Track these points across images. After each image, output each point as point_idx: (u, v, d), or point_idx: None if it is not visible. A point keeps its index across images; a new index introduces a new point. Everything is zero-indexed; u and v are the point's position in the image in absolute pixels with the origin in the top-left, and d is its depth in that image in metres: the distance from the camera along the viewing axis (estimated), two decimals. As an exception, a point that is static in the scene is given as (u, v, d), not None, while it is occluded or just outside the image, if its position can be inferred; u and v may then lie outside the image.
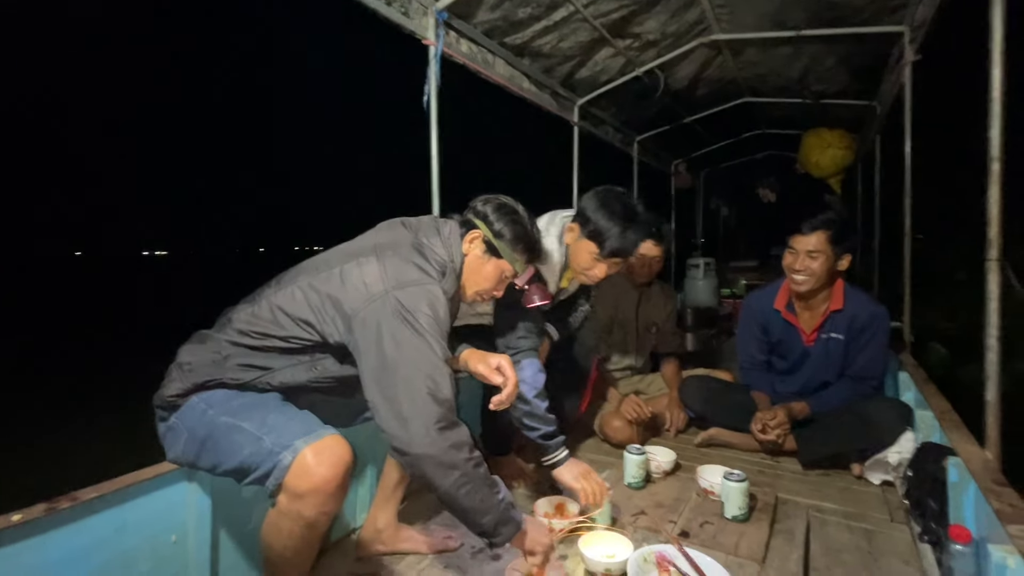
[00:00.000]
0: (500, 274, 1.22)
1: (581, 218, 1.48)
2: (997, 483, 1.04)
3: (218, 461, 0.99)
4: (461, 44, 2.06)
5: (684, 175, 5.58)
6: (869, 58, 2.73)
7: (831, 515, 1.54)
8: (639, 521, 1.48)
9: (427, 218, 1.24)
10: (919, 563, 1.27)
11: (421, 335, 1.00)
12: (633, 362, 2.33)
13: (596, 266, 1.48)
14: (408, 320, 1.00)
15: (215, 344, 1.07)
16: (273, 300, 1.07)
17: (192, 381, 1.03)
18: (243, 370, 1.06)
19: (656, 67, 2.78)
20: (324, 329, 1.06)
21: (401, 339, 0.99)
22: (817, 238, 1.84)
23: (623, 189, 1.52)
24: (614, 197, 1.48)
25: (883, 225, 3.83)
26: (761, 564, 1.26)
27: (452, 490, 0.97)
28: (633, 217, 1.45)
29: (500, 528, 1.04)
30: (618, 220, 1.43)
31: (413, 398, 0.96)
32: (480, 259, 1.20)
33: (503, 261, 1.21)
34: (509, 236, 1.20)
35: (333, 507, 0.96)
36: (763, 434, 1.87)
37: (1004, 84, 1.10)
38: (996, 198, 1.12)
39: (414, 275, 1.06)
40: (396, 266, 1.07)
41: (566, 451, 1.51)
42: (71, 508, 0.90)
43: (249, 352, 1.06)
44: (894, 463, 1.68)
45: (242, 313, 1.08)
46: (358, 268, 1.06)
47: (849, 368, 1.94)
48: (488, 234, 1.20)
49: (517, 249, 1.21)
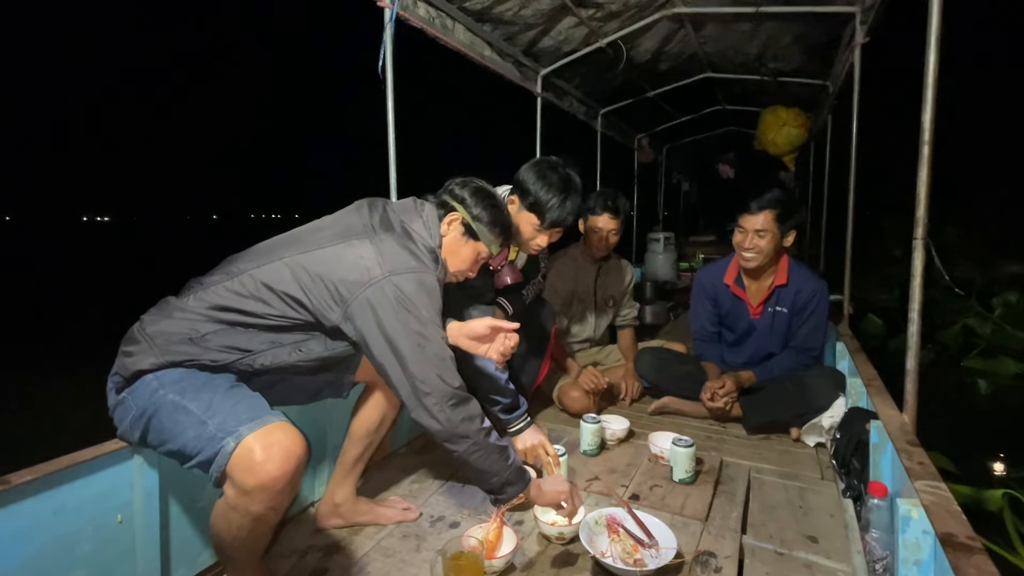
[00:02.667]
0: (476, 255, 1.25)
1: (520, 191, 1.51)
2: (911, 444, 1.14)
3: (162, 440, 0.96)
4: (418, 7, 1.97)
5: (647, 149, 5.63)
6: (823, 38, 2.80)
7: (769, 475, 1.65)
8: (593, 486, 1.54)
9: (406, 201, 1.24)
10: (842, 516, 1.39)
11: (423, 322, 1.04)
12: (592, 334, 2.39)
13: (538, 236, 1.54)
14: (410, 309, 1.04)
15: (188, 319, 1.01)
16: (256, 276, 1.03)
17: (168, 359, 0.98)
18: (224, 352, 1.02)
19: (619, 39, 2.76)
20: (317, 309, 1.04)
21: (408, 327, 1.03)
22: (764, 217, 1.91)
23: (558, 159, 1.56)
24: (551, 168, 1.52)
25: (830, 202, 4.00)
26: (704, 522, 1.35)
27: (465, 456, 1.08)
28: (570, 187, 1.50)
29: (506, 488, 1.12)
30: (556, 191, 1.48)
31: (425, 381, 1.04)
32: (458, 241, 1.22)
33: (480, 243, 1.24)
34: (487, 220, 1.23)
35: (284, 501, 0.95)
36: (712, 402, 1.97)
37: (937, 70, 1.15)
38: (925, 180, 1.19)
39: (411, 262, 1.08)
40: (392, 251, 1.07)
41: (527, 419, 1.57)
42: (2, 492, 0.86)
43: (230, 330, 1.02)
44: (827, 427, 1.81)
45: (220, 287, 1.03)
46: (352, 250, 1.06)
47: (792, 340, 2.06)
48: (467, 217, 1.22)
49: (494, 232, 1.25)
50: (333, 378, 1.25)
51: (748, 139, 5.03)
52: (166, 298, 1.07)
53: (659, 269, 4.41)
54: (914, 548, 0.93)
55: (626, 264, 2.43)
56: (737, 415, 2.02)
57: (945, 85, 1.15)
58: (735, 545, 1.25)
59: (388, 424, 1.38)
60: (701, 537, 1.28)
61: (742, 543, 1.27)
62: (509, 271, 1.55)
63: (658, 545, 1.18)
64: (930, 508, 0.89)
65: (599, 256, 2.28)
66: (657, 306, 3.86)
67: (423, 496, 1.49)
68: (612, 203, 2.16)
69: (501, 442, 1.13)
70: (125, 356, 1.00)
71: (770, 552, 1.24)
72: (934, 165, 1.19)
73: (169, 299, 1.07)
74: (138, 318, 1.05)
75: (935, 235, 1.23)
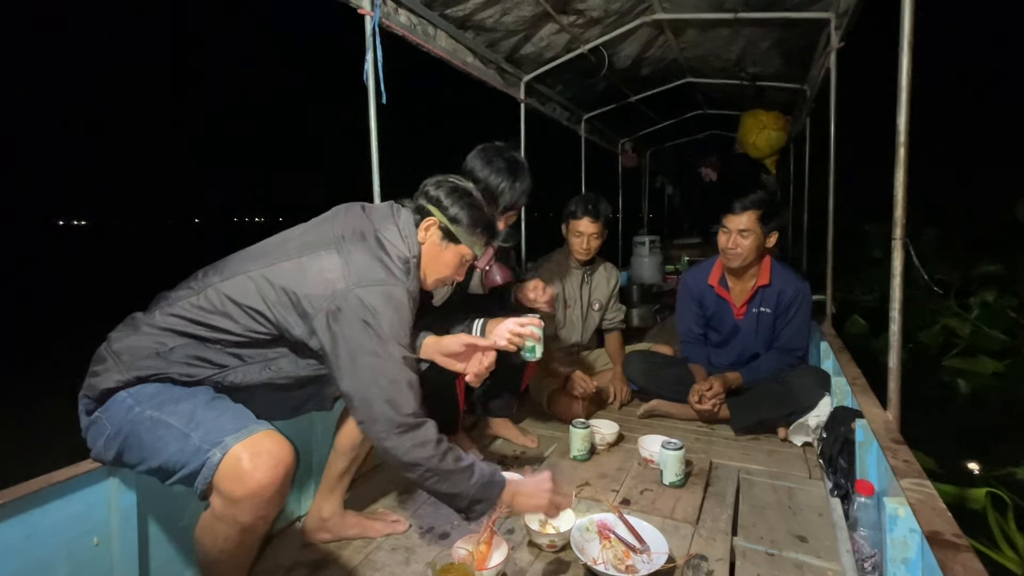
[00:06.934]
0: (460, 259, 1.19)
1: (471, 179, 1.50)
2: (895, 442, 1.15)
3: (141, 458, 0.93)
4: (400, 15, 1.97)
5: (631, 154, 5.68)
6: (800, 43, 2.85)
7: (758, 476, 1.66)
8: (583, 492, 1.54)
9: (383, 206, 1.19)
10: (831, 515, 1.40)
11: (383, 340, 0.99)
12: (580, 339, 2.39)
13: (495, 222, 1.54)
14: (369, 323, 0.99)
15: (155, 333, 0.99)
16: (221, 289, 1.01)
17: (134, 374, 0.96)
18: (193, 366, 0.99)
19: (600, 45, 2.78)
20: (281, 323, 1.01)
21: (361, 343, 0.99)
22: (748, 217, 1.93)
23: (502, 143, 1.57)
24: (496, 153, 1.53)
25: (811, 204, 4.07)
26: (695, 525, 1.35)
27: (419, 482, 1.03)
28: (518, 168, 1.52)
29: (474, 507, 1.06)
30: (505, 175, 1.50)
31: (372, 403, 0.99)
32: (437, 246, 1.16)
33: (461, 246, 1.17)
34: (466, 221, 1.16)
35: (273, 511, 0.92)
36: (700, 404, 1.98)
37: (911, 73, 1.17)
38: (901, 181, 1.21)
39: (379, 274, 1.03)
40: (359, 262, 1.03)
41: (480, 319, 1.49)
42: (-31, 518, 0.83)
43: (198, 344, 0.99)
44: (813, 426, 1.83)
45: (185, 303, 1.01)
46: (317, 261, 1.02)
47: (777, 340, 2.08)
48: (444, 220, 1.15)
49: (475, 233, 1.18)
50: (315, 391, 1.21)
51: (730, 142, 5.11)
52: (133, 314, 1.05)
53: (645, 272, 4.44)
54: (902, 546, 0.94)
55: (611, 267, 2.44)
56: (725, 417, 2.03)
57: (921, 87, 1.17)
58: (726, 547, 1.25)
59: None
60: (692, 540, 1.28)
61: (733, 545, 1.27)
62: (498, 270, 1.50)
63: (649, 550, 1.18)
64: (916, 506, 0.90)
65: (583, 260, 2.28)
66: (644, 309, 3.87)
67: (412, 507, 1.47)
68: (593, 207, 2.16)
69: (462, 461, 1.04)
70: (92, 376, 0.98)
71: (761, 553, 1.24)
72: (911, 166, 1.21)
73: (136, 315, 1.04)
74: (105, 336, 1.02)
75: (914, 236, 1.25)
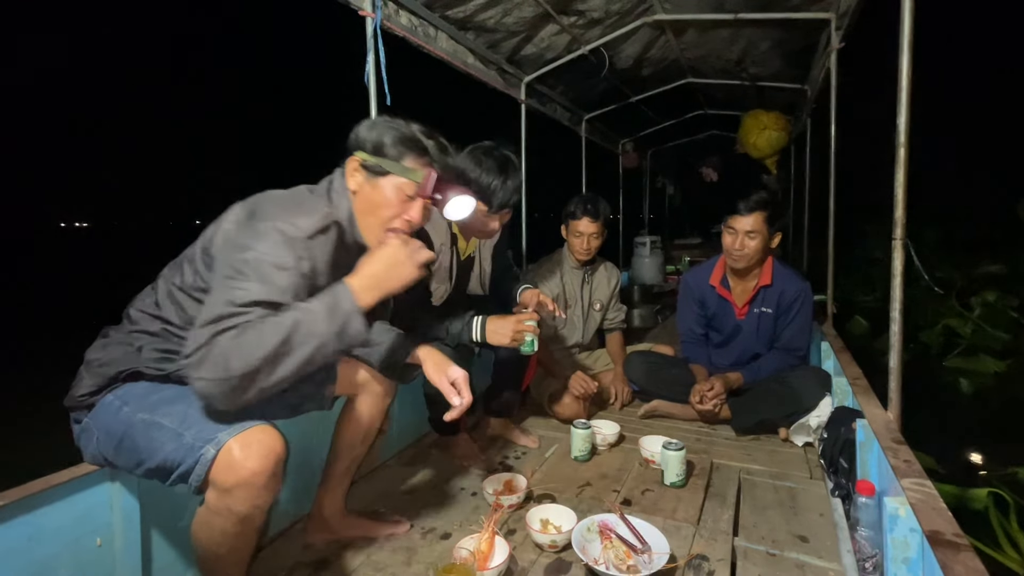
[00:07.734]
0: (399, 193, 1.00)
1: (462, 181, 1.50)
2: (896, 442, 1.15)
3: (138, 461, 0.93)
4: (401, 16, 1.98)
5: (631, 154, 5.69)
6: (800, 43, 2.86)
7: (760, 476, 1.66)
8: (584, 492, 1.54)
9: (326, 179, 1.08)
10: (832, 516, 1.40)
11: (258, 236, 0.87)
12: (581, 339, 2.39)
13: (490, 222, 1.56)
14: (254, 220, 0.90)
15: (124, 337, 1.00)
16: (168, 277, 1.01)
17: (106, 375, 0.97)
18: (163, 359, 0.99)
19: (601, 46, 2.79)
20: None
21: (236, 239, 0.89)
22: (755, 218, 1.93)
23: (491, 142, 1.58)
24: (485, 153, 1.54)
25: (812, 204, 4.07)
26: (696, 526, 1.35)
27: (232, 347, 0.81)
28: (508, 166, 1.53)
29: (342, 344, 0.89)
30: (496, 174, 1.51)
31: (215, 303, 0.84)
32: (367, 186, 1.00)
33: (392, 176, 0.99)
34: (388, 142, 0.99)
35: (266, 500, 0.92)
36: (701, 404, 1.98)
37: (911, 74, 1.17)
38: (902, 181, 1.21)
39: (288, 209, 0.93)
40: (258, 201, 0.95)
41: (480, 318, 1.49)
42: (-29, 520, 0.83)
43: (163, 340, 1.00)
44: (814, 426, 1.82)
45: (147, 301, 1.02)
46: (226, 214, 0.96)
47: (778, 340, 2.08)
48: (364, 156, 1.00)
49: (405, 156, 0.99)
50: (312, 391, 1.18)
51: (730, 143, 5.11)
52: (105, 328, 1.06)
53: (646, 272, 4.45)
54: (902, 546, 0.94)
55: (611, 267, 2.44)
56: (726, 417, 2.03)
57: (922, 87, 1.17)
58: (727, 547, 1.25)
59: (373, 435, 1.35)
60: (693, 541, 1.28)
61: (734, 545, 1.27)
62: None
63: (651, 551, 1.17)
64: (917, 506, 0.90)
65: (583, 260, 2.29)
66: (644, 309, 3.88)
67: (413, 508, 1.47)
68: (592, 207, 2.17)
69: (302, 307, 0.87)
70: (73, 389, 1.00)
71: (762, 554, 1.24)
72: (911, 166, 1.21)
73: (108, 328, 1.06)
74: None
75: (915, 236, 1.25)
